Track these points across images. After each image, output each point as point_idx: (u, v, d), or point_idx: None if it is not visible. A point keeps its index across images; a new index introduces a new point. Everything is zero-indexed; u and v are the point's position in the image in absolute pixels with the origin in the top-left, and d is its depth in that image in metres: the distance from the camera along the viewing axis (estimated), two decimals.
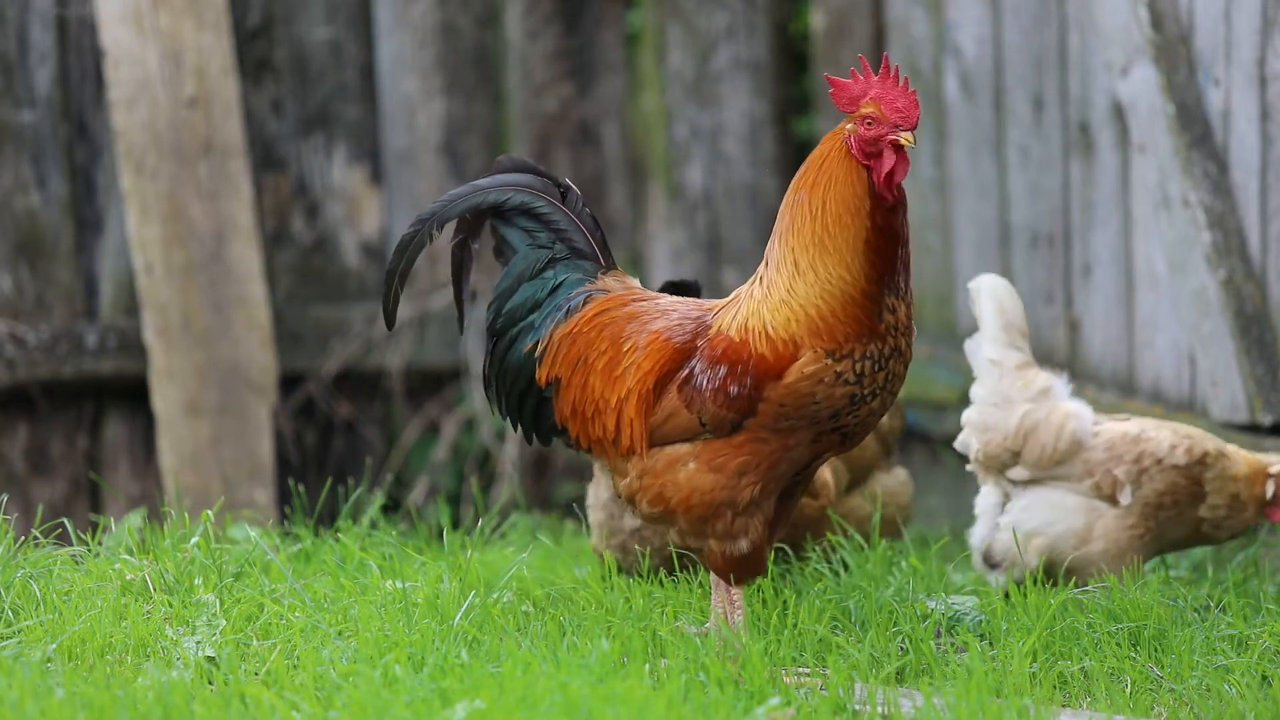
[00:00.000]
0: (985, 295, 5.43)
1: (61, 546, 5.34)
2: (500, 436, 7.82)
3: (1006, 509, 5.39)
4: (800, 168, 4.55)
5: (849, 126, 4.49)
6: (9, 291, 7.39)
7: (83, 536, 5.40)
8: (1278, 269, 6.20)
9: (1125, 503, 5.30)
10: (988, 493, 5.45)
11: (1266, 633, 4.86)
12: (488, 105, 7.93)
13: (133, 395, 7.48)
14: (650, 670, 4.43)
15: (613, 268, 4.76)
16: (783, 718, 4.21)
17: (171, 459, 7.37)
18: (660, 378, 4.59)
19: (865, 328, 4.48)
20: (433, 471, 7.82)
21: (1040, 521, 5.36)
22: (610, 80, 8.04)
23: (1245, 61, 6.21)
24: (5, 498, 5.87)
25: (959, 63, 7.40)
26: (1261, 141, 6.20)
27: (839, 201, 4.48)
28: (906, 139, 4.45)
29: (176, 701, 4.17)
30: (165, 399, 7.38)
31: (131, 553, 5.30)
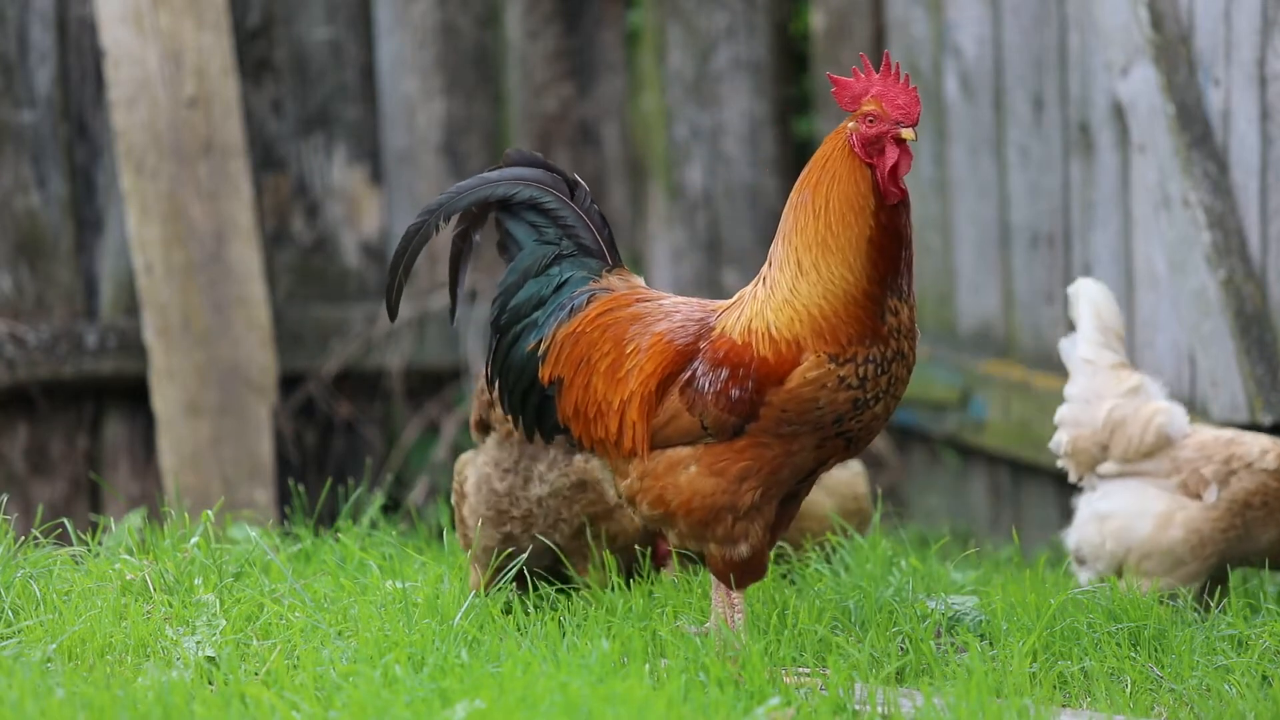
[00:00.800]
0: (1083, 299, 5.48)
1: (61, 546, 5.33)
2: None
3: (1088, 499, 5.41)
4: (804, 168, 4.54)
5: (851, 125, 4.48)
6: (9, 291, 7.39)
7: (83, 536, 5.40)
8: (1278, 269, 6.20)
9: (1210, 500, 5.29)
10: (1085, 498, 5.46)
11: (1266, 633, 4.86)
12: (488, 105, 7.93)
13: (133, 395, 7.48)
14: (650, 670, 4.42)
15: (619, 266, 4.74)
16: (783, 718, 4.20)
17: (171, 459, 7.37)
18: (663, 380, 4.57)
19: (868, 329, 4.47)
20: (433, 471, 7.81)
21: (1118, 505, 5.35)
22: (610, 80, 8.04)
23: (1245, 61, 6.20)
24: (5, 498, 5.87)
25: (959, 63, 7.40)
26: (1261, 141, 6.20)
27: (842, 200, 4.47)
28: (908, 135, 4.44)
29: (176, 701, 4.16)
30: (165, 399, 7.38)
31: (131, 553, 5.30)
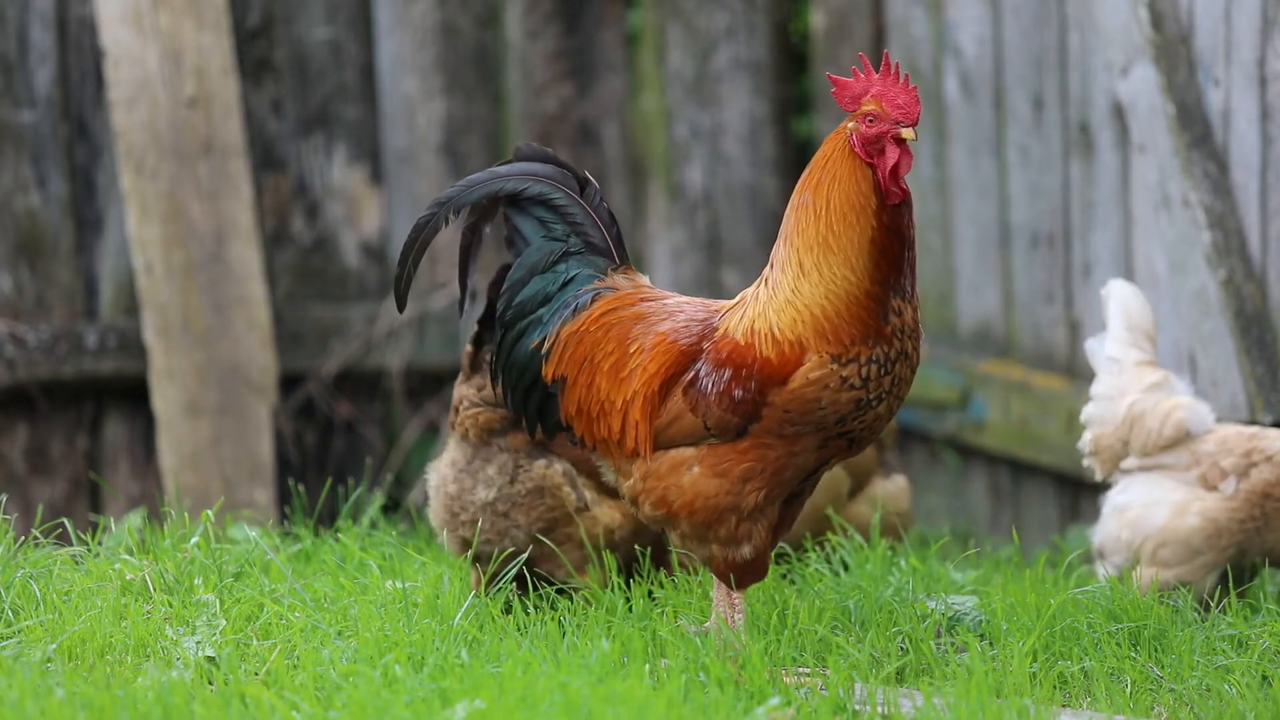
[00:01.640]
0: (1114, 299, 5.49)
1: (61, 546, 5.33)
2: None
3: (1110, 495, 5.41)
4: (805, 169, 4.54)
5: (851, 125, 4.48)
6: (9, 291, 7.39)
7: (83, 536, 5.40)
8: (1278, 269, 6.20)
9: (1228, 491, 5.28)
10: (1109, 494, 5.46)
11: (1266, 633, 4.86)
12: (488, 105, 7.93)
13: (133, 395, 7.48)
14: (650, 670, 4.42)
15: (625, 264, 4.73)
16: (783, 718, 4.20)
17: (171, 459, 7.37)
18: (666, 380, 4.57)
19: (870, 330, 4.46)
20: None
21: (1135, 497, 5.35)
22: (610, 80, 8.03)
23: (1245, 61, 6.20)
24: (5, 498, 5.87)
25: (959, 63, 7.40)
26: (1261, 141, 6.20)
27: (843, 200, 4.46)
28: (909, 135, 4.44)
29: (176, 701, 4.16)
30: (165, 399, 7.38)
31: (131, 553, 5.30)
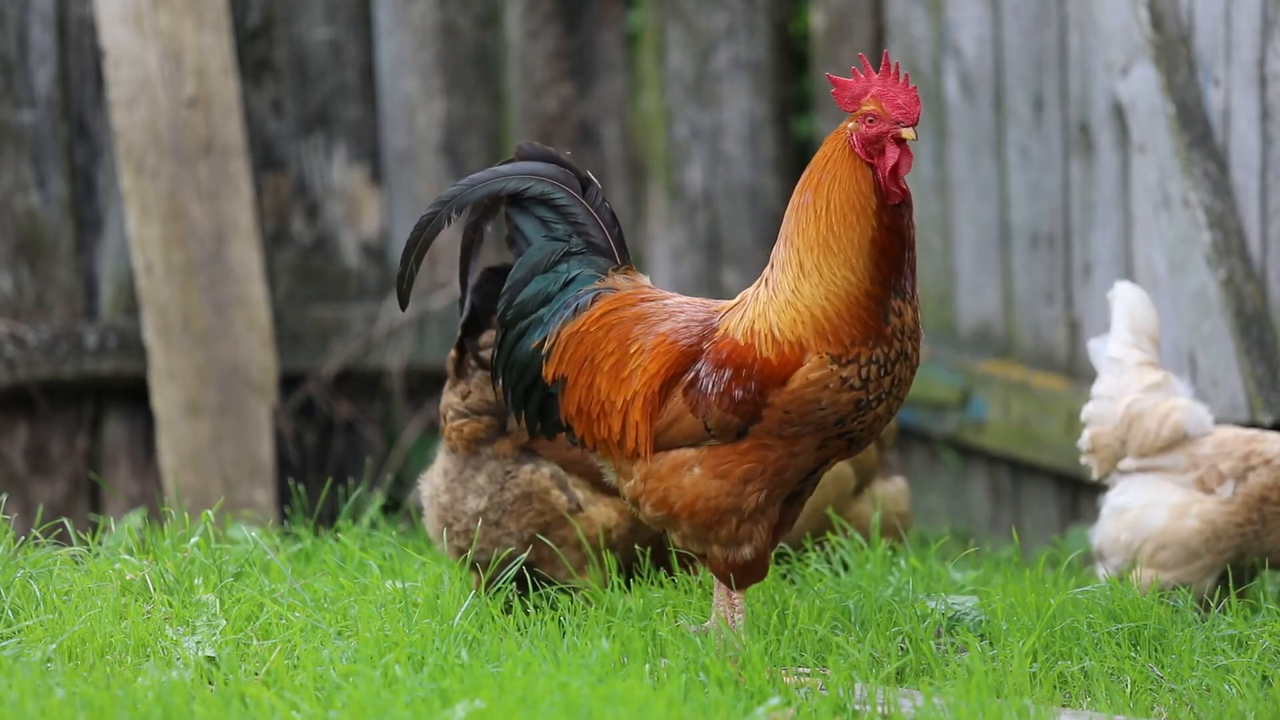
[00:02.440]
0: (1119, 301, 5.48)
1: (61, 546, 5.33)
2: None
3: (1108, 496, 5.40)
4: (805, 170, 4.54)
5: (851, 125, 4.47)
6: (9, 291, 7.39)
7: (83, 536, 5.40)
8: (1278, 269, 6.20)
9: (1225, 495, 5.28)
10: (1107, 495, 5.46)
11: (1266, 633, 4.86)
12: (488, 105, 7.93)
13: (133, 395, 7.48)
14: (650, 670, 4.42)
15: (627, 264, 4.73)
16: (783, 718, 4.20)
17: (171, 459, 7.37)
18: (666, 381, 4.56)
19: (871, 330, 4.46)
20: None
21: (1133, 498, 5.34)
22: (610, 80, 8.04)
23: (1245, 61, 6.20)
24: (5, 498, 5.87)
25: (959, 63, 7.40)
26: (1261, 141, 6.20)
27: (844, 200, 4.46)
28: (909, 135, 4.44)
29: (176, 701, 4.16)
30: (165, 399, 7.38)
31: (131, 553, 5.30)
